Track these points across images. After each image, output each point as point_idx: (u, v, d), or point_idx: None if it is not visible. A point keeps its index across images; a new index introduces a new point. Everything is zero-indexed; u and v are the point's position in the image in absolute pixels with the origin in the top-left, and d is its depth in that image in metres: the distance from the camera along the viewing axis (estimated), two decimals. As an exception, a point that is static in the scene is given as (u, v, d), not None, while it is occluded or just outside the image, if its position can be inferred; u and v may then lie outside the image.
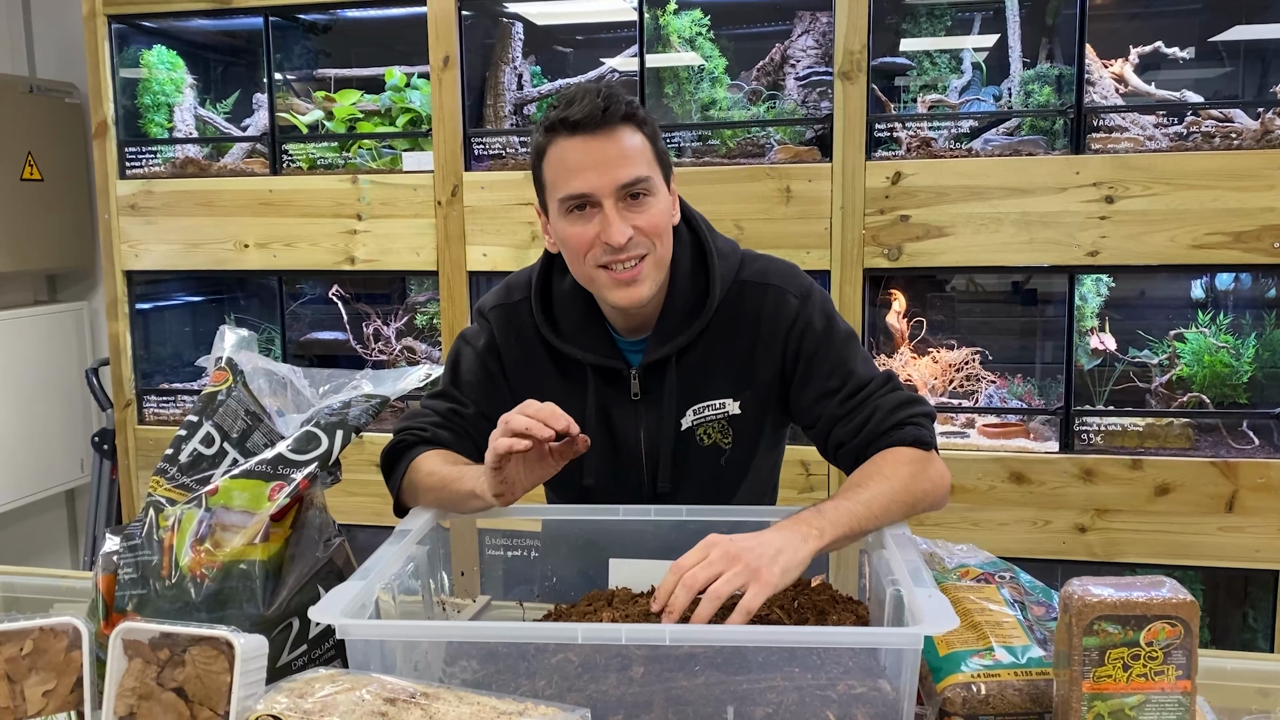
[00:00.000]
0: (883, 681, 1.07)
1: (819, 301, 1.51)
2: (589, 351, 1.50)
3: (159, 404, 3.18)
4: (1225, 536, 2.50)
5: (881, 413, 1.42)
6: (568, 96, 1.37)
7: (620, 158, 1.36)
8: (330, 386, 1.42)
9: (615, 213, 1.36)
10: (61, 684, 1.13)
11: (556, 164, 1.38)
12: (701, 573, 1.11)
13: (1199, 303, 2.75)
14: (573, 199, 1.38)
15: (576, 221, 1.39)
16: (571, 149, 1.37)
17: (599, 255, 1.39)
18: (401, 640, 1.15)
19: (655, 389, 1.50)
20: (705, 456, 1.53)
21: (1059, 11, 2.73)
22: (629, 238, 1.37)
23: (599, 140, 1.35)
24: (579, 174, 1.36)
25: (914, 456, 1.39)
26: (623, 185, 1.36)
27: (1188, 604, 1.02)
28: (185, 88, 3.20)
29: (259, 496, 1.23)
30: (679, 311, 1.49)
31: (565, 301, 1.52)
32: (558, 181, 1.39)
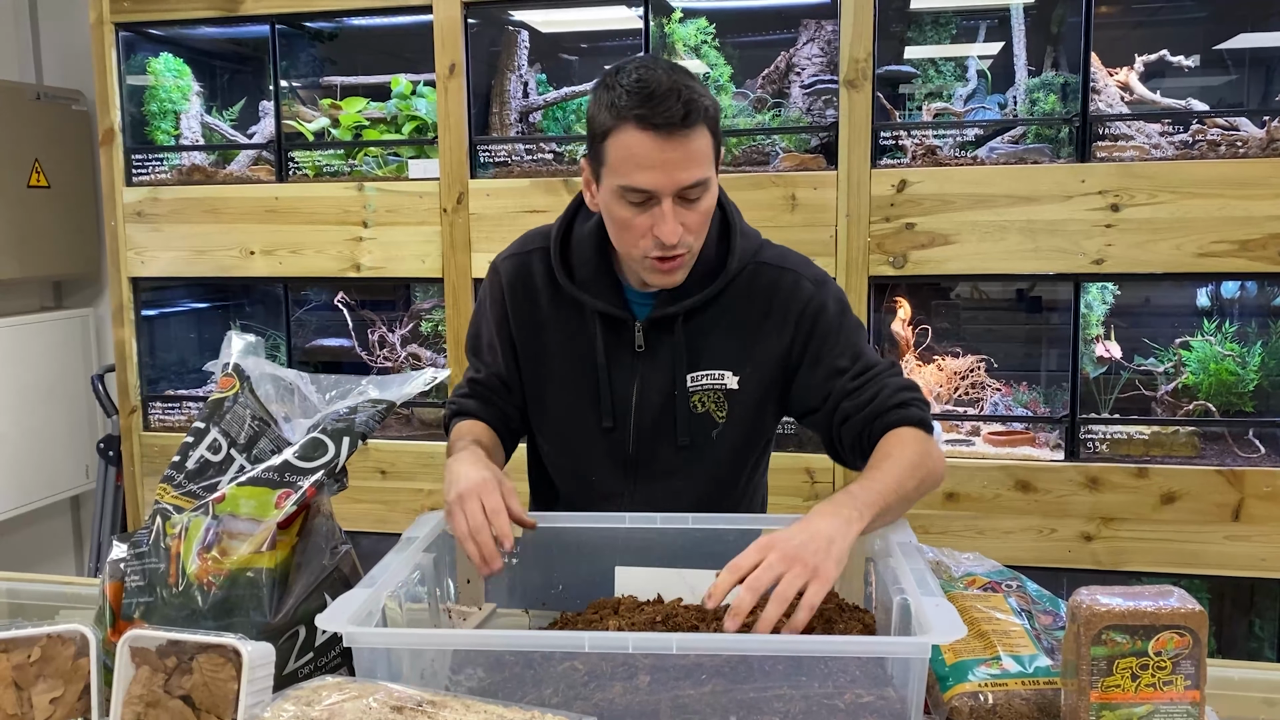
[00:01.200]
0: (890, 690, 1.07)
1: (834, 289, 1.54)
2: (598, 298, 1.52)
3: (164, 410, 3.18)
4: (1231, 545, 2.50)
5: (888, 391, 1.45)
6: (647, 85, 1.34)
7: (687, 161, 1.36)
8: (336, 392, 1.42)
9: (672, 213, 1.37)
10: (69, 691, 1.13)
11: (623, 152, 1.37)
12: (765, 575, 1.13)
13: (1204, 311, 2.74)
14: (636, 191, 1.38)
15: (631, 209, 1.40)
16: (642, 144, 1.35)
17: (649, 247, 1.41)
18: (408, 648, 1.14)
19: (658, 346, 1.52)
20: (698, 423, 1.54)
21: (1064, 20, 2.74)
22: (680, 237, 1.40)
23: (672, 143, 1.35)
24: (646, 171, 1.36)
25: (918, 437, 1.42)
26: (685, 187, 1.37)
27: (1196, 613, 1.02)
28: (192, 95, 3.21)
29: (266, 504, 1.23)
30: (696, 273, 1.49)
31: (582, 247, 1.54)
32: (621, 169, 1.37)
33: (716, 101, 1.43)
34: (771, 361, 1.52)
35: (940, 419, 2.75)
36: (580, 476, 1.62)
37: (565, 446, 1.62)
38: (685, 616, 1.26)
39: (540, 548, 1.51)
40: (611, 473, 1.58)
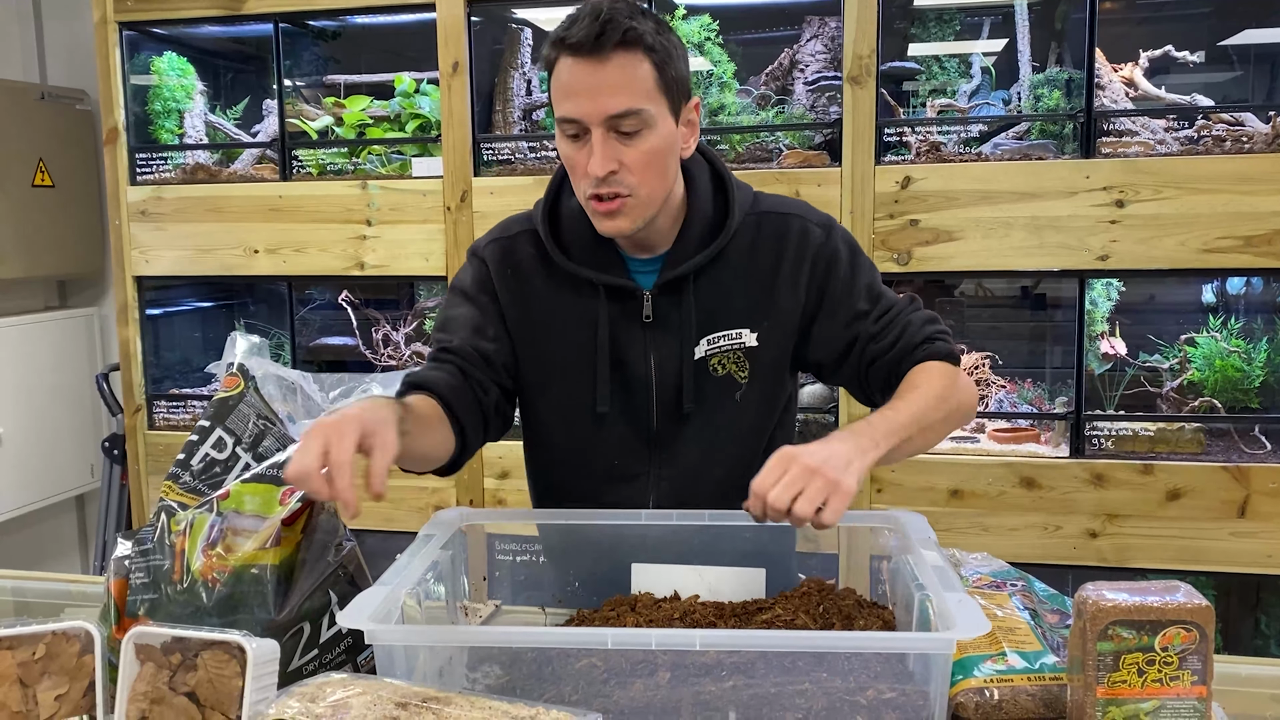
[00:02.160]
0: (911, 686, 1.07)
1: (841, 232, 1.50)
2: (600, 271, 1.45)
3: (169, 409, 3.19)
4: (1237, 542, 2.49)
5: (914, 328, 1.43)
6: (573, 15, 1.32)
7: (612, 86, 1.30)
8: (340, 391, 1.42)
9: (601, 144, 1.31)
10: (74, 688, 1.13)
11: (555, 82, 1.34)
12: (785, 492, 1.13)
13: (1210, 307, 2.74)
14: (565, 122, 1.34)
15: (571, 144, 1.35)
16: (567, 69, 1.32)
17: (587, 185, 1.35)
18: (425, 645, 1.14)
19: (668, 313, 1.46)
20: (719, 387, 1.48)
21: (1068, 15, 2.73)
22: (610, 172, 1.33)
23: (592, 65, 1.30)
24: (570, 98, 1.32)
25: (946, 370, 1.41)
26: (611, 116, 1.31)
27: (1203, 609, 1.01)
28: (195, 94, 3.22)
29: (270, 501, 1.24)
30: (697, 232, 1.45)
31: (574, 221, 1.47)
32: (556, 100, 1.34)
33: (671, 38, 1.36)
34: (789, 313, 1.47)
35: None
36: (596, 463, 1.52)
37: (579, 433, 1.52)
38: (703, 613, 1.26)
39: (556, 545, 1.51)
40: (633, 453, 1.51)
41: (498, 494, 2.90)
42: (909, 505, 2.56)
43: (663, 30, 1.35)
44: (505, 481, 2.89)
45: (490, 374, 1.47)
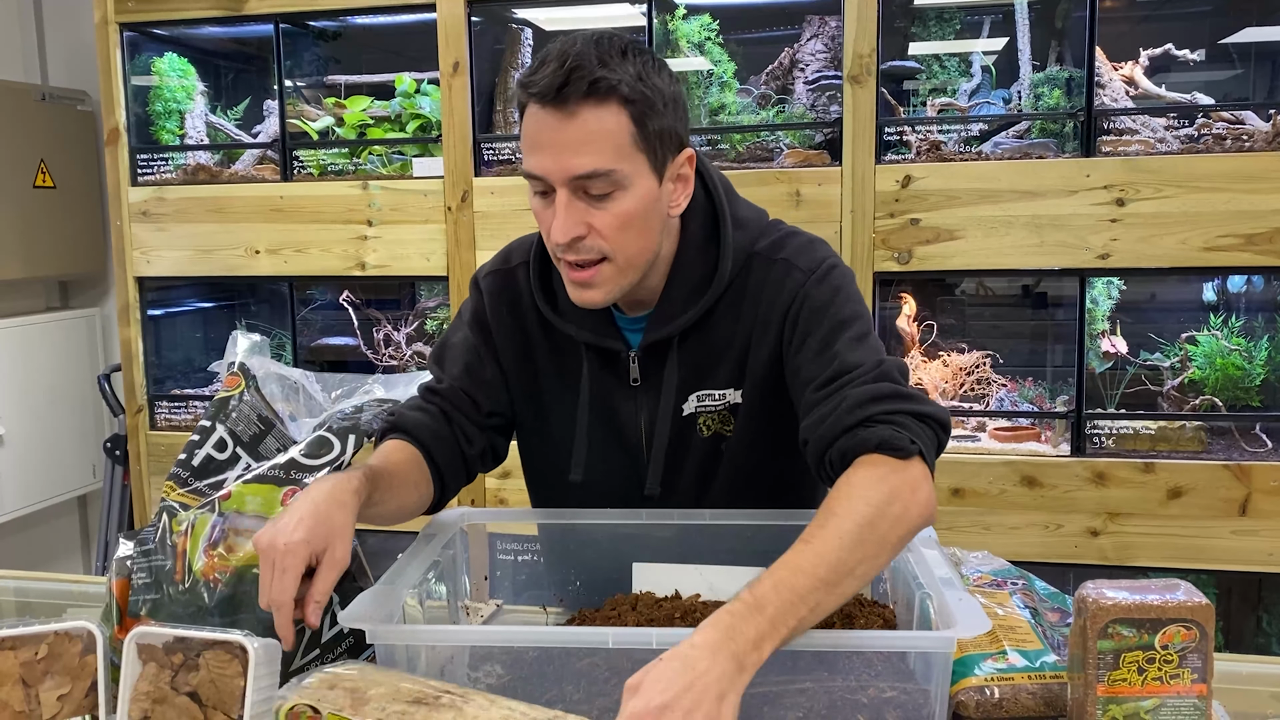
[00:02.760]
0: (912, 685, 1.07)
1: (830, 279, 1.32)
2: (585, 329, 1.36)
3: (170, 410, 3.19)
4: (1238, 540, 2.49)
5: (847, 404, 1.18)
6: (545, 53, 1.19)
7: (578, 143, 1.16)
8: (342, 391, 1.42)
9: (565, 206, 1.19)
10: (76, 688, 1.14)
11: (523, 130, 1.21)
12: None
13: (1211, 305, 2.74)
14: (531, 177, 1.21)
15: (539, 201, 1.23)
16: (533, 119, 1.19)
17: (554, 248, 1.24)
18: (427, 645, 1.15)
19: (656, 374, 1.37)
20: (705, 446, 1.41)
21: (1069, 14, 2.73)
22: (573, 238, 1.20)
23: (557, 117, 1.16)
24: (534, 152, 1.19)
25: (876, 475, 1.12)
26: (576, 177, 1.18)
27: (1203, 607, 1.02)
28: (196, 95, 3.22)
29: (272, 501, 1.24)
30: (684, 288, 1.34)
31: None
32: (523, 150, 1.21)
33: (658, 83, 1.21)
34: (765, 364, 1.35)
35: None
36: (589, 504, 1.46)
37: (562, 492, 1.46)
38: (704, 612, 1.26)
39: (557, 544, 1.51)
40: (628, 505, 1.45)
41: (499, 493, 2.90)
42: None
43: (648, 76, 1.20)
44: (506, 481, 2.89)
45: (477, 419, 1.41)
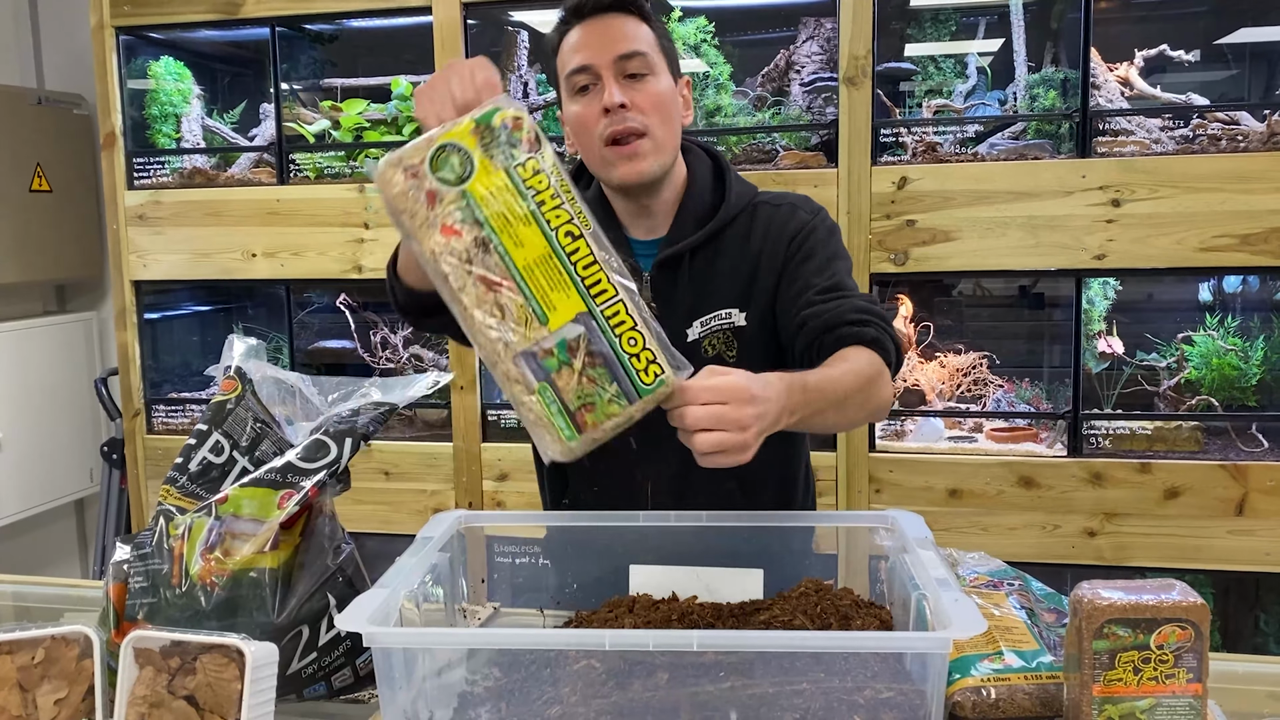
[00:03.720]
0: (909, 686, 1.07)
1: (827, 219, 1.56)
2: None
3: (167, 413, 3.19)
4: (1235, 540, 2.50)
5: (848, 307, 1.42)
6: None
7: (619, 35, 1.45)
8: (339, 395, 1.42)
9: (613, 82, 1.44)
10: (73, 692, 1.14)
11: (565, 49, 1.48)
12: (705, 418, 1.09)
13: (1207, 305, 2.74)
14: (576, 73, 1.45)
15: (582, 100, 1.47)
16: (576, 31, 1.47)
17: (602, 129, 1.45)
18: (425, 648, 1.15)
19: (666, 294, 1.52)
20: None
21: (1064, 15, 2.73)
22: (620, 104, 1.43)
23: (599, 22, 1.45)
24: (579, 51, 1.45)
25: (870, 358, 1.37)
26: (620, 56, 1.44)
27: (1198, 607, 1.02)
28: (192, 98, 3.22)
29: (268, 505, 1.24)
30: (694, 213, 1.53)
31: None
32: (565, 63, 1.47)
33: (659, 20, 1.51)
34: (767, 294, 1.52)
35: (943, 416, 2.75)
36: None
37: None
38: (701, 614, 1.27)
39: (554, 547, 1.51)
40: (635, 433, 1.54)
41: (496, 496, 2.90)
42: (908, 505, 2.57)
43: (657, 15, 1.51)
44: (504, 484, 2.89)
45: None
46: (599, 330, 1.04)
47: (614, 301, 1.05)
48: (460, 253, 1.03)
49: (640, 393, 1.05)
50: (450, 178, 1.03)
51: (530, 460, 1.75)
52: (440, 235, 1.02)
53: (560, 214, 1.04)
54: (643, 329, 1.06)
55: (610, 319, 1.04)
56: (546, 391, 1.03)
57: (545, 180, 1.05)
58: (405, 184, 1.03)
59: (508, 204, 1.03)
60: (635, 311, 1.07)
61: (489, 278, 1.03)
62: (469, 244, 1.03)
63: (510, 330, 1.03)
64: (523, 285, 1.03)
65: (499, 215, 1.03)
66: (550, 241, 1.04)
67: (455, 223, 1.03)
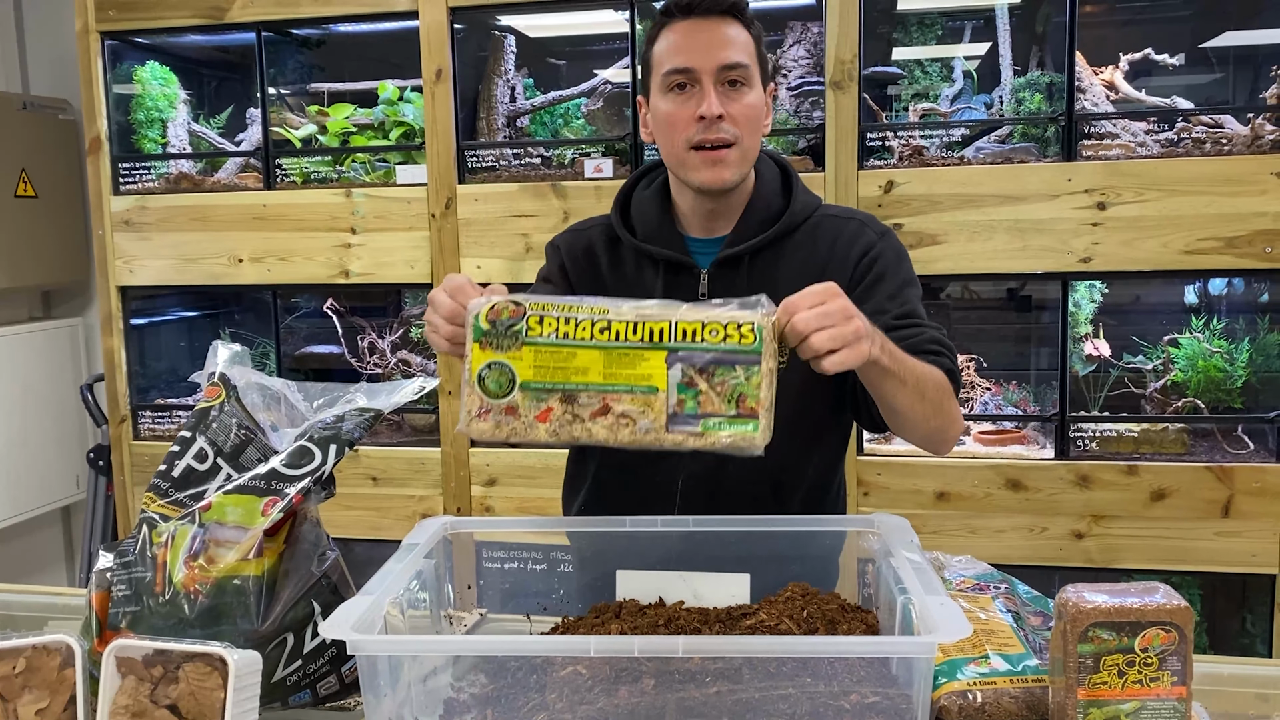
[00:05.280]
0: (895, 690, 1.07)
1: (896, 242, 1.58)
2: (662, 247, 1.55)
3: (154, 420, 3.17)
4: (1222, 541, 2.50)
5: (925, 337, 1.46)
6: None
7: (725, 42, 1.45)
8: (324, 400, 1.42)
9: (713, 91, 1.44)
10: (55, 702, 1.13)
11: (664, 44, 1.48)
12: (815, 319, 1.13)
13: (1192, 308, 2.75)
14: (675, 73, 1.46)
15: (675, 99, 1.47)
16: (681, 29, 1.47)
17: (693, 134, 1.46)
18: (410, 655, 1.14)
19: (723, 292, 1.52)
20: None
21: (1049, 19, 2.75)
22: (720, 115, 1.44)
23: (707, 24, 1.45)
24: (682, 51, 1.46)
25: (945, 380, 1.43)
26: (723, 66, 1.44)
27: (1181, 610, 1.02)
28: (178, 103, 3.21)
29: (252, 512, 1.23)
30: (759, 217, 1.54)
31: (643, 206, 1.59)
32: (664, 59, 1.47)
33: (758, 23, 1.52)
34: None
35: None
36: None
37: None
38: (688, 619, 1.26)
39: (540, 552, 1.51)
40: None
41: (485, 501, 2.90)
42: (896, 508, 2.57)
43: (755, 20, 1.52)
44: (492, 489, 2.88)
45: None
46: (686, 353, 1.11)
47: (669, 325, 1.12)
48: (564, 418, 1.13)
49: (756, 352, 1.10)
50: (506, 388, 1.14)
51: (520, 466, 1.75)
52: (541, 424, 1.14)
53: (581, 327, 1.13)
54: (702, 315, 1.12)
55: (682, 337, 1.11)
56: (709, 423, 1.10)
57: (550, 319, 1.14)
58: (490, 422, 1.14)
59: (552, 362, 1.13)
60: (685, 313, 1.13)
61: (595, 410, 1.13)
62: (562, 409, 1.13)
63: (645, 420, 1.12)
64: (619, 389, 1.12)
65: (556, 372, 1.13)
66: (598, 348, 1.13)
67: (540, 408, 1.13)
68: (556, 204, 2.78)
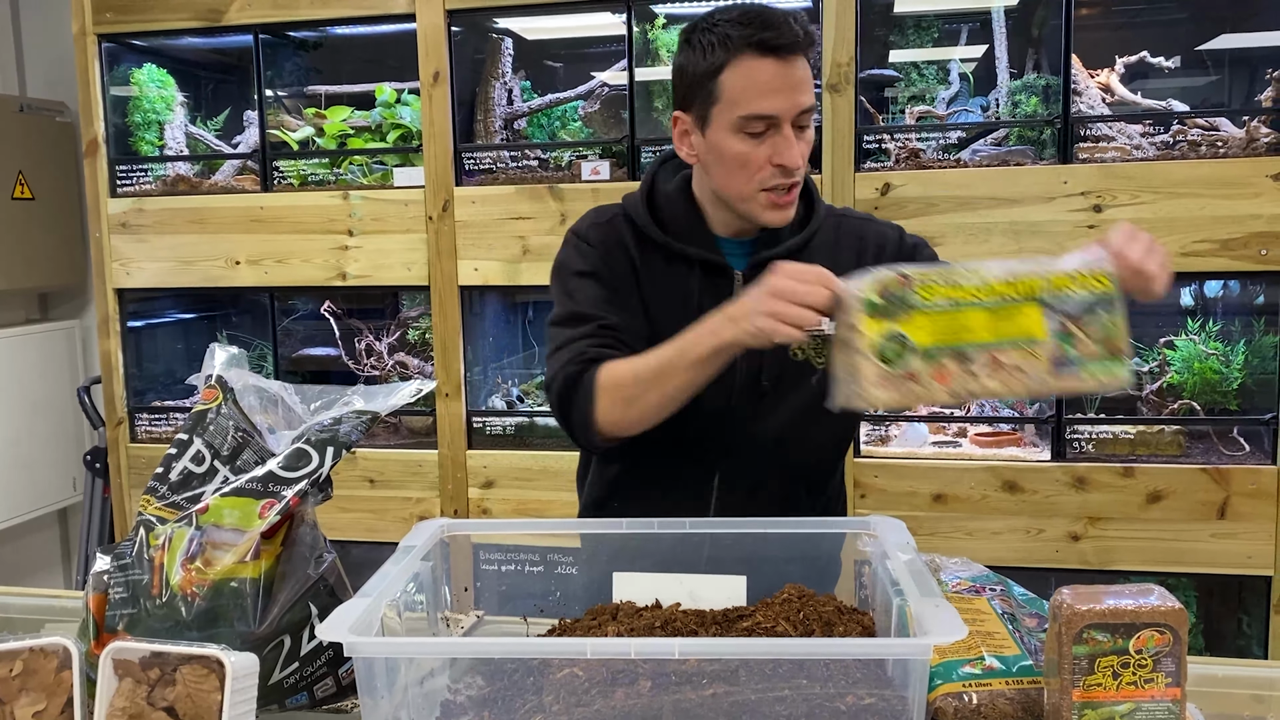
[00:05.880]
0: (890, 692, 1.07)
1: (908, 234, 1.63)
2: (698, 248, 1.54)
3: (151, 422, 3.17)
4: (1217, 543, 2.51)
5: None
6: (753, 16, 1.40)
7: (803, 84, 1.42)
8: (321, 403, 1.42)
9: (793, 137, 1.42)
10: (52, 705, 1.13)
11: (743, 81, 1.40)
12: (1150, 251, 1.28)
13: (1188, 310, 2.76)
14: (759, 119, 1.41)
15: (750, 141, 1.42)
16: (764, 68, 1.40)
17: (767, 178, 1.43)
18: (407, 657, 1.14)
19: None
20: (797, 369, 1.53)
21: (1045, 22, 2.75)
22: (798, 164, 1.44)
23: (792, 65, 1.40)
24: (769, 96, 1.40)
25: None
26: (803, 111, 1.42)
27: (1176, 611, 1.02)
28: (176, 105, 3.21)
29: (249, 514, 1.23)
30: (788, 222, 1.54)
31: (671, 204, 1.56)
32: (742, 98, 1.40)
33: None
34: None
35: (927, 421, 2.77)
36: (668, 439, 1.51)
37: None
38: (685, 621, 1.26)
39: (537, 554, 1.51)
40: (708, 429, 1.55)
41: (482, 503, 2.90)
42: (892, 510, 2.57)
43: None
44: (489, 491, 2.89)
45: (630, 342, 1.54)
46: (1053, 301, 1.21)
47: (1044, 279, 1.22)
48: (962, 376, 1.20)
49: (1114, 296, 1.22)
50: (900, 354, 1.20)
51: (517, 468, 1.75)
52: (940, 385, 1.20)
53: (963, 290, 1.21)
54: (1051, 272, 1.22)
55: (1047, 289, 1.21)
56: (1087, 366, 1.21)
57: (935, 286, 1.21)
58: (890, 390, 1.21)
59: (944, 325, 1.20)
60: (1049, 267, 1.22)
61: (989, 364, 1.20)
62: (957, 368, 1.20)
63: (1035, 370, 1.21)
64: (1005, 344, 1.20)
65: (949, 335, 1.20)
66: (982, 307, 1.21)
67: (938, 370, 1.20)
68: (554, 206, 2.78)
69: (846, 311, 1.22)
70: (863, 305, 1.19)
